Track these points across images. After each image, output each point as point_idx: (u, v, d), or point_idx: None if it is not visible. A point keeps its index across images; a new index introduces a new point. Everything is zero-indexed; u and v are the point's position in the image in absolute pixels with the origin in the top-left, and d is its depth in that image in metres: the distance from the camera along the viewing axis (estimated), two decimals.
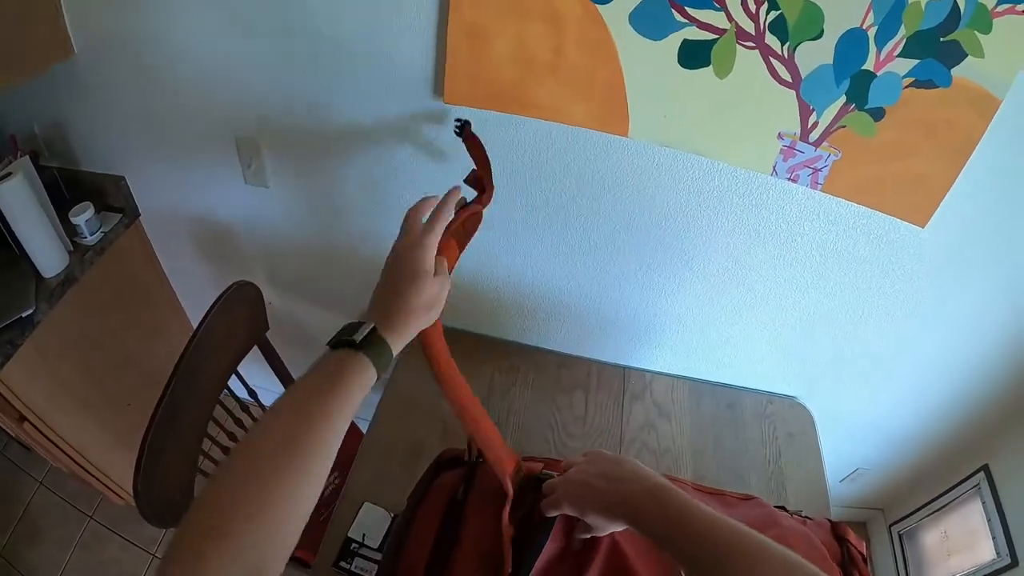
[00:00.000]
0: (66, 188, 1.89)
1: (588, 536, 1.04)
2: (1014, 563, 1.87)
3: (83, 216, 1.80)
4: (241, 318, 1.66)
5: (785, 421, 1.82)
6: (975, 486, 2.05)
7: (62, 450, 2.07)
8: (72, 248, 1.83)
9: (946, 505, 2.18)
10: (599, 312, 1.80)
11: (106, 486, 2.34)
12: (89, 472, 2.24)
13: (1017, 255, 1.43)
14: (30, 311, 1.69)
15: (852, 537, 1.19)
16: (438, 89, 1.37)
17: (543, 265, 1.72)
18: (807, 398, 1.90)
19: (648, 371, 1.93)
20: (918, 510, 2.32)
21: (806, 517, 1.26)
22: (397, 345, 0.87)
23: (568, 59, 1.25)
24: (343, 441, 1.57)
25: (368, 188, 1.65)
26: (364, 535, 1.47)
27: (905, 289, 1.53)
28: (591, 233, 1.59)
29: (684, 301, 1.70)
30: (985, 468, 2.03)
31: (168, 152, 1.78)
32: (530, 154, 1.45)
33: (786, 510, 1.27)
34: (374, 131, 1.51)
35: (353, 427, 1.88)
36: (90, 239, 1.86)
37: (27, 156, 1.68)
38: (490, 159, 1.28)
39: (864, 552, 1.18)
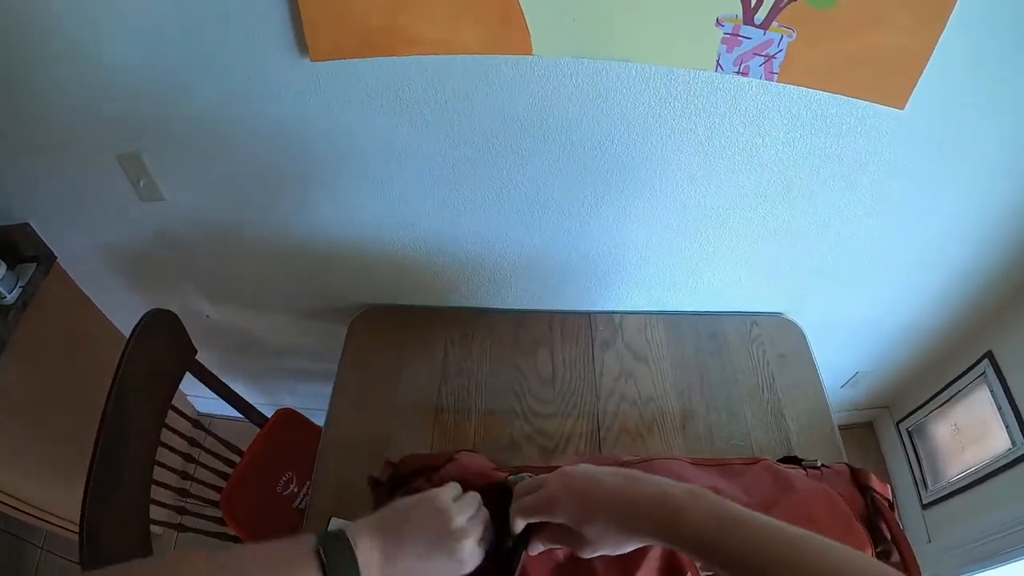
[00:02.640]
0: None
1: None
2: None
3: None
4: (161, 350, 1.52)
5: (774, 342, 1.66)
6: (981, 374, 1.93)
7: (41, 519, 1.99)
8: None
9: (953, 397, 2.08)
10: (549, 259, 1.60)
11: None
12: (75, 532, 2.13)
13: (1007, 126, 1.23)
14: None
15: (876, 484, 1.08)
16: (303, 47, 1.14)
17: (475, 220, 1.52)
18: (794, 312, 1.74)
19: (616, 312, 1.74)
20: (924, 404, 2.22)
21: (823, 465, 1.13)
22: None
23: None
24: (310, 448, 1.58)
25: (266, 170, 1.45)
26: None
27: (887, 180, 1.35)
28: (520, 177, 1.38)
29: (641, 231, 1.50)
30: (989, 355, 1.90)
31: (60, 186, 1.61)
32: (425, 99, 1.22)
33: (798, 461, 1.15)
34: (252, 110, 1.30)
35: (316, 431, 1.77)
36: (9, 297, 1.70)
37: None
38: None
39: (890, 497, 1.07)
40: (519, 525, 0.79)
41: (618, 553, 0.74)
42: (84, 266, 1.89)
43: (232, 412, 1.82)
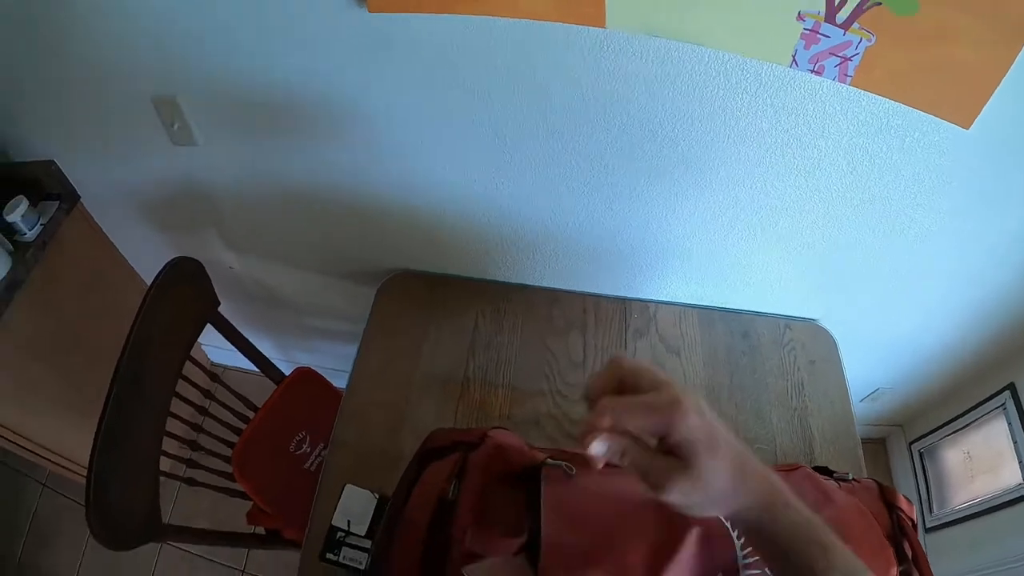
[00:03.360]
0: None
1: None
2: None
3: (17, 212, 1.66)
4: (184, 300, 1.54)
5: (806, 348, 1.66)
6: (1000, 405, 1.94)
7: (45, 457, 2.04)
8: (13, 248, 1.69)
9: (969, 424, 2.09)
10: (591, 241, 1.60)
11: None
12: (80, 474, 2.15)
13: None
14: None
15: (903, 503, 1.10)
16: None
17: (522, 193, 1.51)
18: (828, 320, 1.74)
19: (652, 301, 1.74)
20: (939, 428, 2.24)
21: (853, 479, 1.15)
22: None
23: None
24: (326, 409, 1.63)
25: (305, 121, 1.43)
26: (349, 522, 1.31)
27: (940, 199, 1.33)
28: (574, 152, 1.36)
29: (689, 222, 1.49)
30: (1011, 387, 1.90)
31: (89, 126, 1.61)
32: (485, 64, 1.20)
33: (830, 472, 1.17)
34: (298, 59, 1.29)
35: (333, 392, 1.86)
36: (30, 235, 1.71)
37: None
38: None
39: (914, 518, 1.09)
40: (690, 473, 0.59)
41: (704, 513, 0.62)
42: (108, 208, 1.89)
43: (247, 365, 1.82)
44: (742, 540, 0.89)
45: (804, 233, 1.46)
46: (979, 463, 2.04)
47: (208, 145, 1.55)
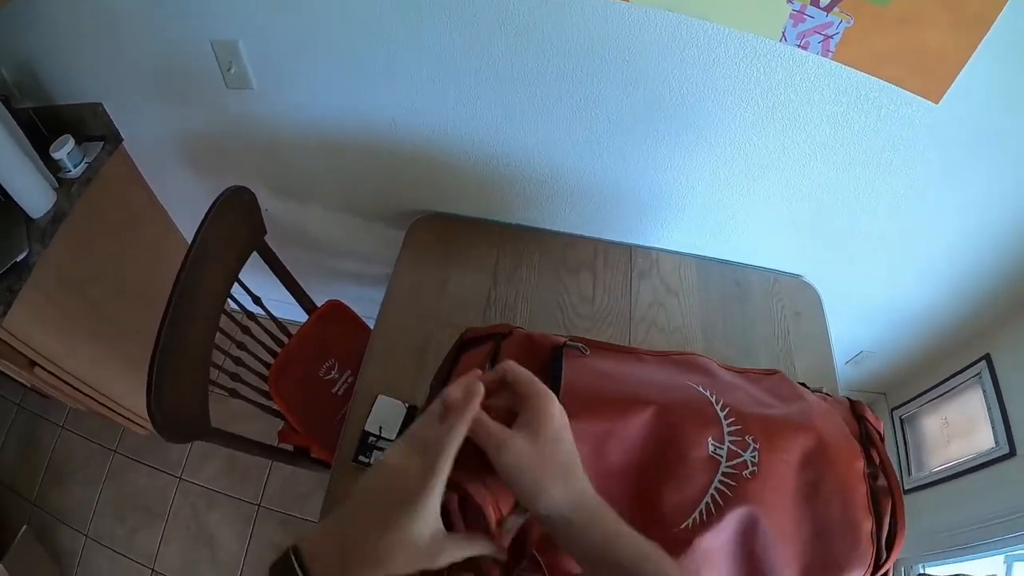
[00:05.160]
0: (44, 125, 1.90)
1: None
2: (1012, 452, 1.93)
3: (64, 149, 1.82)
4: (237, 224, 1.65)
5: (792, 299, 1.84)
6: (976, 375, 2.11)
7: (77, 389, 2.16)
8: (57, 184, 1.84)
9: (947, 392, 2.26)
10: (603, 190, 1.78)
11: (126, 418, 2.42)
12: (107, 406, 2.30)
13: None
14: (24, 254, 1.72)
15: (870, 416, 1.19)
16: None
17: (543, 141, 1.68)
18: (814, 277, 1.92)
19: (654, 249, 1.92)
20: (920, 395, 2.39)
21: (826, 394, 1.26)
22: None
23: None
24: (354, 339, 1.69)
25: (355, 68, 1.61)
26: (381, 427, 1.49)
27: (914, 167, 1.51)
28: (593, 107, 1.54)
29: (689, 175, 1.68)
30: (987, 357, 2.08)
31: (142, 69, 1.76)
32: (524, 24, 1.39)
33: (806, 387, 1.27)
34: (356, 8, 1.46)
35: (360, 324, 1.94)
36: (74, 172, 1.87)
37: None
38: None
39: (881, 431, 1.17)
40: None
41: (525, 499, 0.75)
42: (149, 150, 2.05)
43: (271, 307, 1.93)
44: (726, 411, 1.05)
45: (790, 191, 1.65)
46: (955, 428, 2.20)
47: (262, 89, 1.71)
